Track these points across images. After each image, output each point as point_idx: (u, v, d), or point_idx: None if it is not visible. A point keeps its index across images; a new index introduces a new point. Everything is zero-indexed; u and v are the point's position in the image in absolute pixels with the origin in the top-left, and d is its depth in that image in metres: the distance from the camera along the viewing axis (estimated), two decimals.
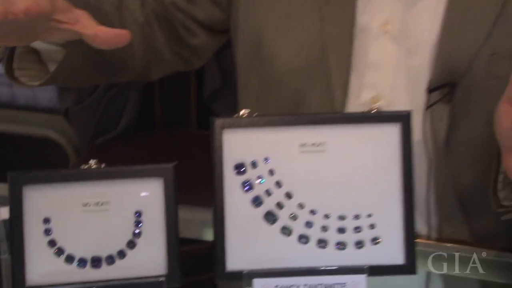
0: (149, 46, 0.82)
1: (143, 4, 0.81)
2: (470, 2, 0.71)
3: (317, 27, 0.76)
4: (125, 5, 0.78)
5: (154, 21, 0.82)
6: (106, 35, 0.55)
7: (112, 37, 0.55)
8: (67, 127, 1.54)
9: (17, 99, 1.56)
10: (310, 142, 0.58)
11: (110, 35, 0.55)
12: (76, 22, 0.55)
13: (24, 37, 0.59)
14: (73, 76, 0.73)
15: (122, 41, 0.56)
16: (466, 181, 0.76)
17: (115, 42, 0.55)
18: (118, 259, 0.57)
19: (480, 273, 0.68)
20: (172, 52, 0.86)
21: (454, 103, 0.72)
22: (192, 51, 0.89)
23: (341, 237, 0.57)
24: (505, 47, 0.71)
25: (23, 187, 0.55)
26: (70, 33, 0.57)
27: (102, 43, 0.55)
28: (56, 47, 0.67)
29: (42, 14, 0.51)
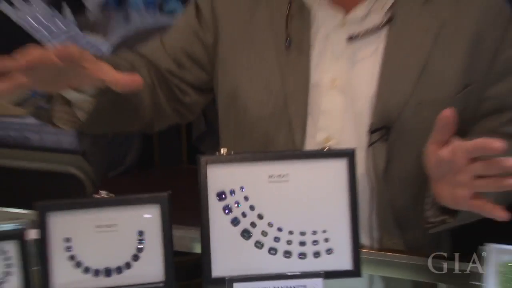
0: (154, 103, 0.94)
1: (149, 69, 0.93)
2: (399, 61, 0.85)
3: (280, 83, 0.89)
4: (136, 69, 0.90)
5: (157, 84, 0.94)
6: (125, 79, 0.66)
7: (129, 81, 0.65)
8: (85, 164, 1.81)
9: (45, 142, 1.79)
10: (276, 174, 0.71)
11: (127, 80, 0.65)
12: (100, 70, 0.66)
13: (60, 83, 0.71)
14: (99, 123, 0.85)
15: (137, 84, 0.66)
16: (401, 204, 0.90)
17: (131, 85, 0.66)
18: (125, 269, 0.70)
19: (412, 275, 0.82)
20: (171, 109, 0.98)
21: (389, 142, 0.85)
22: (186, 107, 1.01)
23: (302, 249, 0.71)
24: (429, 97, 0.84)
25: (48, 213, 0.68)
26: (95, 80, 0.68)
27: (122, 87, 0.66)
28: (85, 97, 0.78)
29: (73, 58, 0.63)
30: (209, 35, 0.95)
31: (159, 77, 0.95)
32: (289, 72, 0.88)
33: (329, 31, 0.87)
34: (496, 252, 0.66)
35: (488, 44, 0.86)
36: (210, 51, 0.96)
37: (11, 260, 0.68)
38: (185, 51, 0.96)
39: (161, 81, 0.95)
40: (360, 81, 0.86)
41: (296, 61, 0.87)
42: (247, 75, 0.91)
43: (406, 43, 0.85)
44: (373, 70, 0.86)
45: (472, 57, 0.85)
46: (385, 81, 0.85)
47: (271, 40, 0.89)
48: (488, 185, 0.61)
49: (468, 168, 0.61)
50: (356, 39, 0.85)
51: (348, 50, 0.86)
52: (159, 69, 0.95)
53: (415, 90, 0.84)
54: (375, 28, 0.84)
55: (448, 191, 0.67)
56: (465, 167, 0.61)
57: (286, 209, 0.72)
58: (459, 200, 0.66)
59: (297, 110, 0.87)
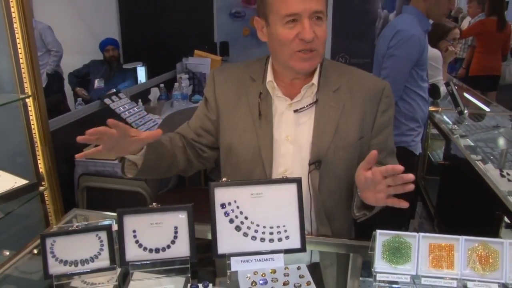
0: (185, 158, 1.40)
1: (181, 138, 1.41)
2: (323, 125, 1.30)
3: (256, 140, 1.33)
4: (173, 139, 1.38)
5: (186, 147, 1.41)
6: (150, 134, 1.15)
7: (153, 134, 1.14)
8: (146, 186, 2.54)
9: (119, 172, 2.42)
10: (255, 193, 1.15)
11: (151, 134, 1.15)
12: (139, 134, 1.14)
13: (122, 149, 1.18)
14: (148, 171, 1.30)
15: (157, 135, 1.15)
16: (329, 206, 1.34)
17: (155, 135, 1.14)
18: (167, 249, 1.14)
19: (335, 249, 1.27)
20: (197, 161, 1.45)
21: (320, 170, 1.30)
22: (205, 159, 1.47)
23: (271, 237, 1.15)
24: (341, 144, 1.29)
25: (124, 215, 1.14)
26: (139, 143, 1.17)
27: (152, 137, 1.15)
28: (138, 157, 1.25)
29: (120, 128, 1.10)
30: (213, 114, 1.42)
31: (188, 143, 1.43)
32: (261, 133, 1.33)
33: (283, 109, 1.33)
34: (380, 234, 1.11)
35: (370, 114, 1.33)
36: (215, 124, 1.42)
37: (103, 242, 1.14)
38: (201, 126, 1.44)
39: (189, 146, 1.43)
40: (302, 136, 1.32)
41: (265, 126, 1.33)
42: (236, 135, 1.36)
43: (326, 115, 1.31)
44: (309, 130, 1.32)
45: (362, 121, 1.32)
46: (316, 136, 1.31)
47: (249, 114, 1.34)
48: (396, 190, 1.06)
49: (383, 181, 1.06)
50: (298, 112, 1.32)
51: (294, 119, 1.32)
52: (187, 138, 1.44)
53: (332, 140, 1.30)
54: (308, 106, 1.31)
55: (371, 195, 1.12)
56: (381, 181, 1.06)
57: (261, 213, 1.15)
58: (379, 200, 1.10)
59: (266, 155, 1.33)
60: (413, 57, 2.30)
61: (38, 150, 1.95)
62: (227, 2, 4.69)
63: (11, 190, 1.74)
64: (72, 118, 2.83)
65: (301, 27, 1.20)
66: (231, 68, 1.45)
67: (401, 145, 2.42)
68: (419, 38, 2.28)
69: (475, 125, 3.11)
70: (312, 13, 1.20)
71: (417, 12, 2.38)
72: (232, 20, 4.72)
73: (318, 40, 1.23)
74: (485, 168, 2.21)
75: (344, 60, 4.55)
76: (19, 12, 1.74)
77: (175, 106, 3.73)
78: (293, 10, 1.19)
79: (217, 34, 4.78)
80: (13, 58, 1.83)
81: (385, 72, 2.33)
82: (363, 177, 1.11)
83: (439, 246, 1.10)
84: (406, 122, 2.44)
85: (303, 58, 1.24)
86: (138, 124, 3.04)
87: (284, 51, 1.25)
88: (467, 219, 2.55)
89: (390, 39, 2.33)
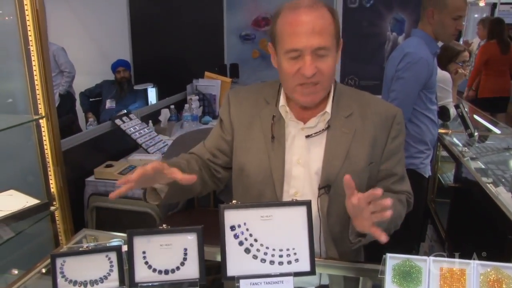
0: (202, 180, 1.42)
1: (197, 161, 1.42)
2: (334, 150, 1.31)
3: (268, 162, 1.34)
4: (190, 164, 1.40)
5: (202, 168, 1.43)
6: (187, 178, 1.15)
7: (189, 179, 1.15)
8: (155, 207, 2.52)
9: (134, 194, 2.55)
10: (265, 215, 1.15)
11: (188, 178, 1.15)
12: (173, 173, 1.15)
13: (151, 182, 1.20)
14: (170, 199, 1.32)
15: (193, 180, 1.16)
16: (337, 230, 1.34)
17: (190, 181, 1.15)
18: (176, 270, 1.14)
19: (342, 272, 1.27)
20: (211, 181, 1.47)
21: (330, 194, 1.31)
22: (219, 180, 1.49)
23: (280, 259, 1.14)
24: (351, 169, 1.29)
25: (134, 236, 1.14)
26: (170, 178, 1.17)
27: (185, 182, 1.15)
28: (163, 186, 1.27)
29: (158, 169, 1.13)
30: (228, 135, 1.44)
31: (203, 164, 1.45)
32: (273, 155, 1.35)
33: (295, 133, 1.35)
34: (390, 258, 1.11)
35: (381, 140, 1.34)
36: (230, 144, 1.44)
37: (113, 263, 1.14)
38: (216, 147, 1.46)
39: (204, 166, 1.45)
40: (313, 160, 1.34)
41: (277, 148, 1.35)
42: (249, 157, 1.38)
43: (337, 140, 1.32)
44: (319, 154, 1.33)
45: (373, 147, 1.33)
46: (326, 161, 1.32)
47: (262, 137, 1.36)
48: (376, 217, 1.06)
49: (367, 208, 1.07)
50: (310, 137, 1.33)
51: (306, 143, 1.34)
52: (203, 159, 1.46)
53: (343, 165, 1.31)
54: (320, 131, 1.33)
55: (360, 222, 1.12)
56: (366, 208, 1.07)
57: (271, 236, 1.15)
58: (365, 227, 1.11)
59: (277, 177, 1.34)
60: (421, 80, 2.31)
61: (50, 170, 1.98)
62: (237, 25, 4.76)
63: (22, 210, 1.75)
64: (83, 139, 2.86)
65: (303, 63, 1.21)
66: (246, 90, 1.48)
67: (410, 168, 2.41)
68: (427, 60, 2.29)
69: (485, 147, 3.09)
70: (314, 50, 1.20)
71: (425, 35, 2.40)
72: (242, 42, 4.79)
73: (322, 74, 1.23)
74: (497, 191, 2.19)
75: (354, 82, 4.57)
76: (36, 35, 1.78)
77: (185, 127, 3.76)
78: (295, 46, 1.21)
79: (227, 56, 4.84)
80: (28, 80, 1.87)
81: (393, 94, 2.34)
82: (350, 204, 1.11)
83: (450, 271, 1.09)
84: (414, 144, 2.44)
85: (305, 93, 1.26)
86: (148, 145, 3.07)
87: (288, 83, 1.28)
88: (478, 242, 2.52)
89: (398, 61, 2.34)
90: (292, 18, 1.22)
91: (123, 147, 3.16)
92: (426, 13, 2.36)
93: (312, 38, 1.19)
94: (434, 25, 2.36)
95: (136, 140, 3.08)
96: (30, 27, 1.78)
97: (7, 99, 2.14)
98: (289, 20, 1.23)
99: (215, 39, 4.80)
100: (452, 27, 2.36)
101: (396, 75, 2.35)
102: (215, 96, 4.19)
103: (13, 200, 1.82)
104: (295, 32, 1.20)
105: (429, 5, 2.35)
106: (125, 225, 1.20)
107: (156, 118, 3.70)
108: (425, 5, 2.38)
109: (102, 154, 2.96)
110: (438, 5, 2.32)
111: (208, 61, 4.68)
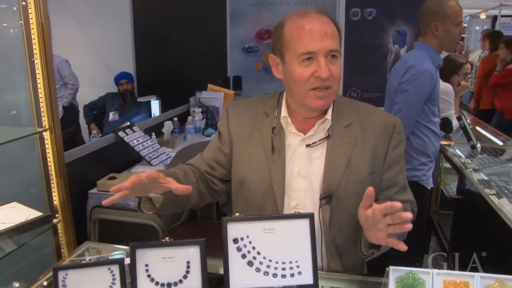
0: (198, 191, 1.41)
1: (194, 173, 1.43)
2: (334, 160, 1.31)
3: (268, 174, 1.34)
4: (187, 175, 1.40)
5: (199, 180, 1.43)
6: (182, 188, 1.16)
7: (184, 189, 1.16)
8: (158, 219, 2.52)
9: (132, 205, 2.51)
10: (268, 228, 1.15)
11: (183, 188, 1.16)
12: (168, 183, 1.16)
13: (146, 191, 1.20)
14: (165, 209, 1.32)
15: (188, 191, 1.17)
16: (340, 241, 1.34)
17: (185, 191, 1.16)
18: (179, 283, 1.14)
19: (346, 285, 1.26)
20: (208, 193, 1.46)
21: (331, 205, 1.30)
22: (216, 192, 1.49)
23: (283, 272, 1.14)
24: (352, 179, 1.30)
25: (136, 249, 1.14)
26: (165, 188, 1.17)
27: (180, 192, 1.16)
28: (158, 196, 1.27)
29: (154, 178, 1.13)
30: (227, 148, 1.44)
31: (200, 176, 1.45)
32: (273, 167, 1.35)
33: (295, 144, 1.35)
34: (393, 271, 1.10)
35: (382, 149, 1.35)
36: (228, 157, 1.44)
37: (115, 276, 1.14)
38: (213, 159, 1.46)
39: (201, 178, 1.45)
40: (314, 171, 1.34)
41: (277, 160, 1.35)
42: (249, 169, 1.38)
43: (337, 150, 1.32)
44: (320, 164, 1.33)
45: (374, 156, 1.33)
46: (327, 171, 1.32)
47: (263, 149, 1.36)
48: (395, 229, 1.06)
49: (383, 220, 1.06)
50: (310, 146, 1.33)
51: (306, 153, 1.34)
52: (200, 171, 1.46)
53: (344, 175, 1.31)
54: (320, 141, 1.33)
55: (373, 234, 1.12)
56: (381, 220, 1.06)
57: (274, 249, 1.15)
58: (380, 239, 1.10)
59: (278, 189, 1.34)
60: (425, 92, 2.31)
61: (53, 182, 1.98)
62: (240, 37, 4.79)
63: (25, 222, 1.75)
64: (87, 151, 2.87)
65: (317, 66, 1.23)
66: (245, 103, 1.48)
67: (412, 180, 2.40)
68: (431, 73, 2.30)
69: (488, 159, 3.08)
70: (328, 52, 1.23)
71: (428, 48, 2.41)
72: (245, 55, 4.81)
73: (333, 78, 1.26)
74: (500, 203, 2.18)
75: (356, 94, 4.58)
76: (40, 48, 1.80)
77: (188, 139, 3.77)
78: (310, 49, 1.23)
79: (230, 69, 4.86)
80: (32, 92, 1.89)
81: (397, 107, 2.35)
82: (364, 216, 1.11)
83: (453, 283, 1.09)
84: (417, 156, 2.44)
85: (319, 96, 1.27)
86: (151, 158, 3.07)
87: (300, 88, 1.28)
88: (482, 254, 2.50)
89: (402, 74, 2.35)
90: (304, 22, 1.25)
91: (126, 159, 3.16)
92: (430, 27, 2.37)
93: (325, 40, 1.23)
94: (440, 37, 2.38)
95: (139, 152, 3.09)
96: (35, 40, 1.80)
97: (11, 111, 2.15)
98: (300, 25, 1.25)
99: (218, 51, 4.83)
100: (457, 34, 2.39)
101: (400, 87, 2.36)
102: (218, 109, 4.21)
103: (16, 212, 1.82)
104: (309, 35, 1.23)
105: (431, 20, 2.37)
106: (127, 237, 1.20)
107: (159, 130, 3.71)
108: (427, 20, 2.39)
109: (105, 166, 2.97)
110: (440, 18, 2.34)
111: (211, 73, 4.71)
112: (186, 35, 4.71)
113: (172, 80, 4.66)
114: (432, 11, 2.37)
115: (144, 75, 4.88)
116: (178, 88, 4.53)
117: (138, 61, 4.92)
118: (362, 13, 4.49)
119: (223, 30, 4.79)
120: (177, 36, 4.73)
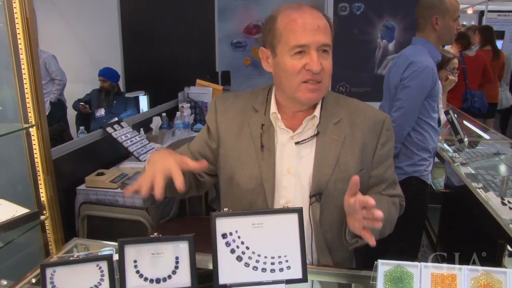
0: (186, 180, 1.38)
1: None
2: (324, 157, 1.31)
3: (258, 171, 1.33)
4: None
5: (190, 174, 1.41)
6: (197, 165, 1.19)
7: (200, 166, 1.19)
8: (147, 215, 2.52)
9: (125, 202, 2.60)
10: (257, 223, 1.15)
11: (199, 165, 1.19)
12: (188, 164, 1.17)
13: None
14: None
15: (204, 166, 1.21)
16: (330, 238, 1.34)
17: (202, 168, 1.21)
18: (167, 279, 1.13)
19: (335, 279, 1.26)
20: (195, 185, 1.45)
21: (321, 202, 1.31)
22: (202, 184, 1.48)
23: (272, 267, 1.14)
24: (341, 176, 1.30)
25: (125, 245, 1.13)
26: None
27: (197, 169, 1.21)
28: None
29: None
30: (214, 143, 1.43)
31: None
32: (263, 164, 1.34)
33: (285, 141, 1.34)
34: (382, 264, 1.11)
35: (370, 146, 1.35)
36: (215, 153, 1.43)
37: (104, 272, 1.13)
38: (199, 153, 1.46)
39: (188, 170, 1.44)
40: (303, 168, 1.33)
41: (267, 158, 1.34)
42: (239, 166, 1.37)
43: (327, 147, 1.32)
44: (310, 162, 1.33)
45: (362, 153, 1.33)
46: (316, 168, 1.32)
47: (252, 145, 1.35)
48: (368, 223, 1.07)
49: (360, 211, 1.07)
50: (299, 144, 1.33)
51: (295, 151, 1.33)
52: None
53: (333, 172, 1.31)
54: (310, 138, 1.33)
55: (352, 222, 1.14)
56: (359, 211, 1.08)
57: (263, 243, 1.15)
58: (356, 229, 1.12)
59: (268, 186, 1.33)
60: (427, 88, 2.33)
61: (40, 178, 1.96)
62: (229, 32, 4.77)
63: (12, 219, 1.74)
64: (74, 147, 2.85)
65: (309, 59, 1.23)
66: (234, 97, 1.47)
67: (414, 175, 2.43)
68: (432, 69, 2.32)
69: (475, 153, 3.12)
70: (320, 46, 1.24)
71: (428, 44, 2.43)
72: (234, 50, 4.80)
73: (324, 72, 1.26)
74: (487, 196, 2.21)
75: (345, 89, 4.60)
76: (26, 44, 1.78)
77: (176, 135, 3.77)
78: (302, 42, 1.23)
79: (219, 64, 4.85)
80: (17, 88, 1.86)
81: (399, 103, 2.36)
82: (347, 203, 1.13)
83: (441, 276, 1.10)
84: (418, 152, 2.45)
85: (310, 89, 1.27)
86: (140, 153, 3.06)
87: (291, 81, 1.27)
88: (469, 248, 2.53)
89: (403, 70, 2.36)
90: (297, 15, 1.25)
91: (115, 155, 3.14)
92: (431, 21, 2.40)
93: (318, 34, 1.23)
94: (440, 31, 2.41)
95: (128, 148, 3.07)
96: (20, 35, 1.77)
97: None
98: (293, 18, 1.25)
99: (206, 46, 4.81)
100: (454, 28, 2.43)
101: (401, 83, 2.37)
102: (207, 104, 4.20)
103: (2, 209, 1.80)
104: (301, 28, 1.23)
105: (432, 13, 2.39)
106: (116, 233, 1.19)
107: (148, 126, 3.70)
108: (427, 14, 2.41)
109: (93, 162, 2.95)
110: (440, 11, 2.38)
111: (199, 68, 4.69)
112: (174, 30, 4.68)
113: (161, 75, 4.63)
114: (433, 5, 2.40)
115: (132, 71, 4.85)
116: (166, 84, 4.51)
117: (126, 56, 4.88)
118: (350, 8, 4.50)
119: (211, 25, 4.78)
120: (165, 31, 4.70)
